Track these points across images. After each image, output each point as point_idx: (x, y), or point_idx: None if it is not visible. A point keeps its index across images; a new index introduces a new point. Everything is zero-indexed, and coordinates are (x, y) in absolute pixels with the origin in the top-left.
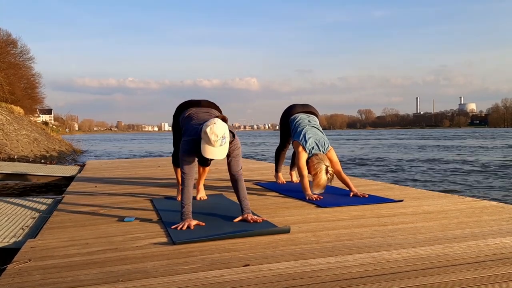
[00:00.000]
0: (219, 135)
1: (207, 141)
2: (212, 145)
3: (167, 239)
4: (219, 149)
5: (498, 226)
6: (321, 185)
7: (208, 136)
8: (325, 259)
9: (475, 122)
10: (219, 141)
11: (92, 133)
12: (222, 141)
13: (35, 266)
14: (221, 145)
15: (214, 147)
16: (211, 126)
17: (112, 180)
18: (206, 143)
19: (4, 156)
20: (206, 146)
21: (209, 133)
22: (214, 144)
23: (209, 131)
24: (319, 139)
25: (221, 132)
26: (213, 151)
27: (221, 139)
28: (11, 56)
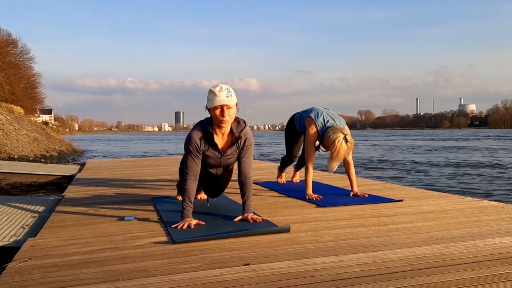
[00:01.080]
0: (224, 87)
1: (212, 96)
2: (218, 96)
3: (167, 238)
4: (227, 98)
5: (498, 226)
6: (340, 156)
7: (212, 90)
8: (325, 258)
9: (475, 123)
10: (224, 92)
11: (92, 133)
12: (228, 93)
13: (35, 265)
14: (227, 96)
15: (220, 97)
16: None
17: (112, 179)
18: (211, 99)
19: (4, 155)
20: (213, 100)
21: (213, 88)
22: (219, 95)
23: (212, 87)
24: (333, 114)
25: (225, 85)
26: (221, 99)
27: (227, 91)
28: (12, 56)
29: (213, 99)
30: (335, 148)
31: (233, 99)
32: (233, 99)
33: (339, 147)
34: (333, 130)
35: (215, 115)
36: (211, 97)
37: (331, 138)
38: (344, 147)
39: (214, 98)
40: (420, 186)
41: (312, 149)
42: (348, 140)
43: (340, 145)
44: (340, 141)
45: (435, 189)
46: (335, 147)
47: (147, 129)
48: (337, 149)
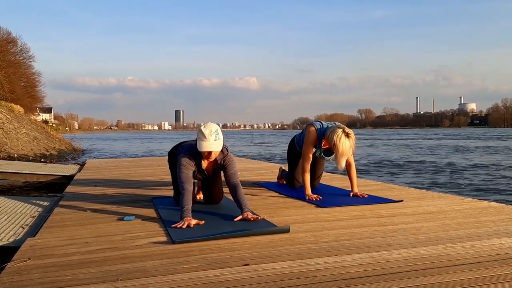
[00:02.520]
0: (213, 130)
1: (201, 137)
2: (207, 140)
3: (167, 238)
4: (214, 143)
5: (498, 226)
6: (344, 152)
7: (203, 132)
8: (324, 259)
9: (475, 122)
10: (213, 135)
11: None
12: (216, 136)
13: (34, 264)
14: (215, 139)
15: (209, 141)
16: (205, 125)
17: (112, 179)
18: (201, 139)
19: (4, 155)
20: (201, 142)
21: (203, 129)
22: (208, 138)
23: (203, 128)
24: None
25: (214, 128)
26: (209, 144)
27: (215, 134)
28: (11, 54)
29: (202, 142)
30: (337, 144)
31: (219, 142)
32: (219, 142)
33: (341, 142)
34: (331, 130)
35: (203, 153)
36: (201, 138)
37: (331, 137)
38: (345, 141)
39: (203, 141)
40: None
41: (310, 150)
42: (348, 132)
43: (340, 140)
44: (339, 136)
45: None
46: (337, 143)
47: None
48: (340, 144)
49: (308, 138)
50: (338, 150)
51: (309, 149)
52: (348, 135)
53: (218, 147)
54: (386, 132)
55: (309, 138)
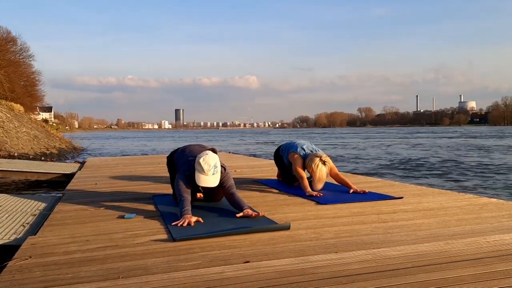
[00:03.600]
0: (211, 165)
1: (200, 170)
2: (205, 174)
3: (167, 236)
4: (212, 178)
5: (498, 223)
6: (321, 177)
7: (201, 166)
8: (325, 255)
9: (475, 120)
10: (211, 170)
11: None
12: (214, 170)
13: (35, 263)
14: (213, 174)
15: (207, 176)
16: (204, 157)
17: (112, 177)
18: (199, 172)
19: (4, 153)
20: (199, 176)
21: (202, 163)
22: (207, 173)
23: (202, 161)
24: (312, 147)
25: (213, 161)
26: (206, 180)
27: (213, 168)
28: (11, 53)
29: (200, 175)
30: (314, 171)
31: (217, 176)
32: (217, 176)
33: (319, 170)
34: (310, 158)
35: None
36: (199, 170)
37: (309, 166)
38: (322, 168)
39: (201, 175)
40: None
41: (302, 171)
42: (324, 160)
43: (318, 168)
44: (317, 164)
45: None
46: (315, 171)
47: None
48: (318, 172)
49: (297, 164)
50: (315, 176)
51: (301, 170)
52: (325, 163)
53: (215, 182)
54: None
55: (298, 163)
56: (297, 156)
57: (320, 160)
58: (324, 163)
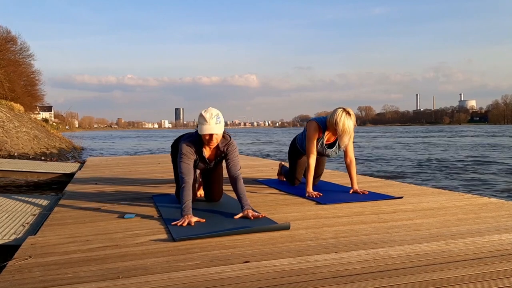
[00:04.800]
0: (214, 114)
1: (202, 121)
2: (208, 123)
3: (167, 235)
4: (215, 126)
5: (498, 222)
6: (346, 129)
7: (203, 116)
8: (325, 255)
9: (475, 119)
10: (214, 119)
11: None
12: (217, 119)
13: (35, 262)
14: (216, 123)
15: (210, 124)
16: (206, 109)
17: (112, 177)
18: (202, 123)
19: (4, 153)
20: (202, 126)
21: (204, 113)
22: (209, 122)
23: (204, 112)
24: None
25: (215, 111)
26: (210, 127)
27: (216, 117)
28: (11, 53)
29: (202, 125)
30: (338, 122)
31: (221, 125)
32: (221, 125)
33: (343, 120)
34: (332, 113)
35: (204, 139)
36: (201, 122)
37: (332, 118)
38: (347, 118)
39: (204, 125)
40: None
41: (313, 144)
42: (349, 111)
43: (341, 117)
44: (340, 114)
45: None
46: (338, 121)
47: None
48: (341, 123)
49: (310, 133)
50: (339, 128)
51: (312, 144)
52: (349, 113)
53: (219, 130)
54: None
55: (311, 132)
56: (314, 122)
57: (344, 111)
58: (348, 113)
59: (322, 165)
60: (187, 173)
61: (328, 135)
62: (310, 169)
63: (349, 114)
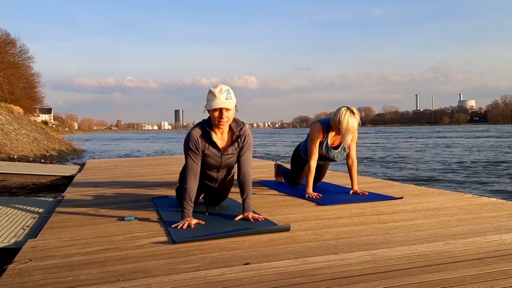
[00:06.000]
0: (224, 89)
1: (211, 97)
2: (217, 98)
3: (168, 238)
4: (226, 101)
5: (498, 222)
6: (350, 128)
7: (212, 91)
8: (325, 257)
9: (474, 119)
10: (224, 94)
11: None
12: (228, 95)
13: (35, 266)
14: (226, 98)
15: (219, 99)
16: (216, 85)
17: (112, 179)
18: (210, 100)
19: (4, 156)
20: (211, 101)
21: (213, 89)
22: (218, 96)
23: (213, 88)
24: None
25: (225, 87)
26: (219, 102)
27: (226, 93)
28: (10, 55)
29: (212, 101)
30: (342, 121)
31: (232, 101)
32: (232, 101)
33: (346, 119)
34: (335, 112)
35: (213, 117)
36: (210, 98)
37: (336, 117)
38: (351, 116)
39: (213, 99)
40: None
41: (315, 146)
42: (352, 110)
43: (345, 116)
44: (343, 113)
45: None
46: (342, 120)
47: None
48: (345, 121)
49: (313, 134)
50: (342, 126)
51: (314, 145)
52: (353, 112)
53: (230, 104)
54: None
55: (314, 133)
56: (318, 124)
57: (348, 109)
58: (352, 112)
59: (325, 170)
60: (192, 171)
61: (332, 137)
62: (311, 171)
63: (353, 112)
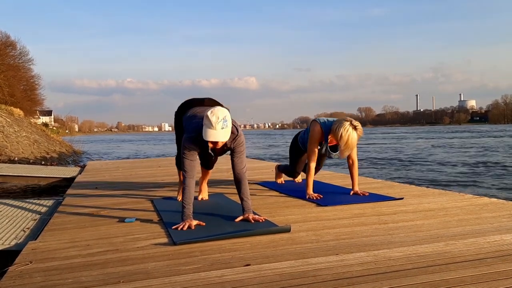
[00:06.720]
0: (220, 117)
1: (208, 124)
2: (213, 128)
3: (168, 239)
4: (221, 131)
5: (499, 223)
6: (350, 144)
7: (209, 119)
8: (326, 258)
9: (475, 119)
10: (220, 123)
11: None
12: (224, 123)
13: (36, 268)
14: (222, 127)
15: (216, 130)
16: (212, 110)
17: (112, 181)
18: (207, 127)
19: (4, 158)
20: (207, 130)
21: (210, 115)
22: (215, 126)
23: (210, 113)
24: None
25: (222, 114)
26: (215, 133)
27: (222, 121)
28: (10, 58)
29: (207, 130)
30: (343, 137)
31: (227, 130)
32: (227, 130)
33: (348, 135)
34: (337, 123)
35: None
36: (207, 124)
37: (337, 130)
38: (353, 133)
39: (210, 129)
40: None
41: (315, 147)
42: (356, 125)
43: (347, 132)
44: (347, 128)
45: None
46: (344, 137)
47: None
48: (346, 137)
49: (313, 136)
50: (344, 142)
51: (314, 147)
52: (356, 127)
53: (225, 136)
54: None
55: (314, 136)
56: (318, 127)
57: (351, 125)
58: (355, 128)
59: (322, 162)
60: (190, 171)
61: (331, 139)
62: (310, 172)
63: (355, 128)
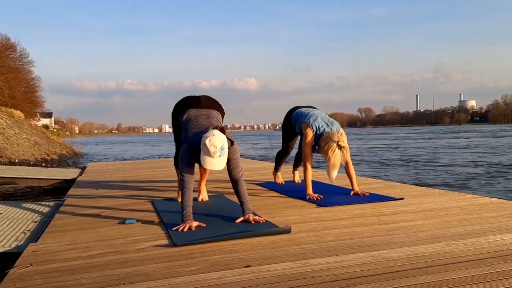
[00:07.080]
0: (218, 147)
1: (206, 152)
2: (211, 156)
3: (168, 241)
4: (218, 160)
5: (499, 222)
6: (335, 164)
7: (208, 148)
8: (325, 259)
9: (475, 119)
10: (218, 152)
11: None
12: (221, 152)
13: (36, 270)
14: (220, 156)
15: (214, 158)
16: (210, 138)
17: (113, 182)
18: (205, 154)
19: (5, 160)
20: (205, 158)
21: (208, 145)
22: (213, 156)
23: (208, 143)
24: (327, 119)
25: (220, 143)
26: (213, 162)
27: (220, 150)
28: (11, 60)
29: (205, 157)
30: (329, 157)
31: (224, 159)
32: (224, 159)
33: (334, 156)
34: (326, 139)
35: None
36: (206, 152)
37: (324, 148)
38: (338, 155)
39: (207, 156)
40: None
41: (310, 151)
42: (342, 146)
43: (334, 154)
44: (333, 149)
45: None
46: (329, 156)
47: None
48: (332, 158)
49: (307, 139)
50: (330, 162)
51: (309, 149)
52: (342, 148)
53: (221, 164)
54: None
55: (308, 141)
56: (310, 133)
57: (337, 146)
58: (341, 148)
59: None
60: (188, 176)
61: None
62: (308, 173)
63: (341, 148)
